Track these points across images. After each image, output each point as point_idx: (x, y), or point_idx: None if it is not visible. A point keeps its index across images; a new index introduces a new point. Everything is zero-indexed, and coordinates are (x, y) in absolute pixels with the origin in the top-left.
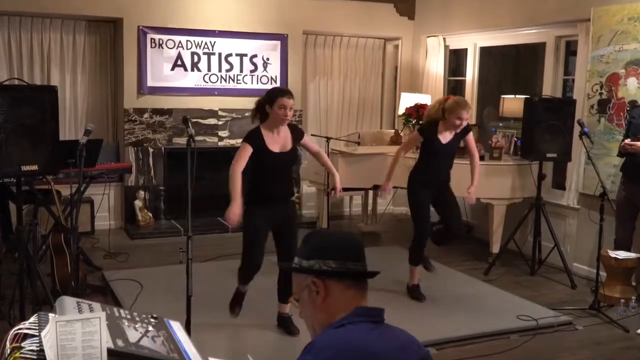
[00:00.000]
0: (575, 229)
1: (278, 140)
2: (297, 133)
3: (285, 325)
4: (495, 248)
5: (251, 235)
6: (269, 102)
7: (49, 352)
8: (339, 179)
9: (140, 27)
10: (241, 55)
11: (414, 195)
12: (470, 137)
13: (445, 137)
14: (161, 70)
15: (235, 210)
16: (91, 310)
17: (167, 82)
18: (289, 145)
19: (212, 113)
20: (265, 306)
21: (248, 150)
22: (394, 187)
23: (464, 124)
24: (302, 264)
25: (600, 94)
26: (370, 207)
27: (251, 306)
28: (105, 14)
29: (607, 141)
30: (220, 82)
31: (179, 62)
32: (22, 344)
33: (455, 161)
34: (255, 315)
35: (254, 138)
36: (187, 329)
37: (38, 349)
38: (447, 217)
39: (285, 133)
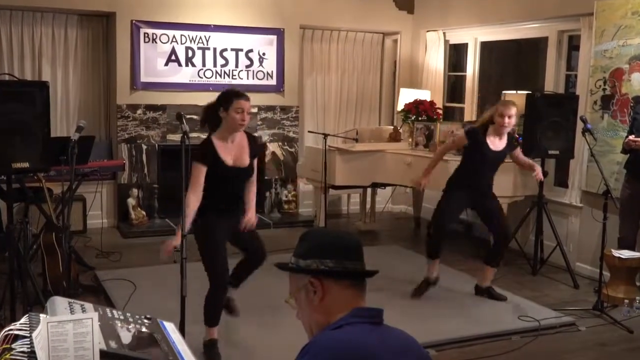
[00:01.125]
0: (578, 228)
1: (232, 150)
2: (255, 148)
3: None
4: None
5: (211, 248)
6: (224, 105)
7: (40, 354)
8: (250, 216)
9: (134, 22)
10: (237, 50)
11: (448, 193)
12: (519, 152)
13: (495, 144)
14: (155, 66)
15: (175, 241)
16: (83, 310)
17: (160, 78)
18: (245, 160)
19: None
20: (261, 307)
21: (201, 171)
22: (393, 186)
23: (512, 121)
24: (299, 263)
25: (604, 89)
26: (368, 206)
27: (246, 307)
28: (97, 8)
29: (610, 138)
30: (215, 78)
31: (173, 57)
32: (13, 345)
33: (452, 158)
34: (251, 316)
35: (206, 152)
36: (181, 330)
37: (29, 350)
38: (489, 226)
39: (241, 142)
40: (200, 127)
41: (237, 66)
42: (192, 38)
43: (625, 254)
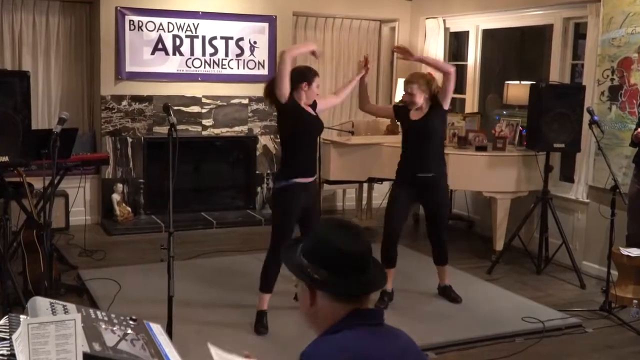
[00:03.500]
0: (585, 225)
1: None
2: (314, 104)
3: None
4: (499, 245)
5: (283, 221)
6: (307, 80)
7: (21, 357)
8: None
9: (118, 8)
10: (226, 39)
11: (390, 196)
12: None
13: (416, 115)
14: (141, 55)
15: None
16: (66, 311)
17: (147, 67)
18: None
19: (195, 100)
20: (251, 308)
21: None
22: (390, 180)
23: (416, 100)
24: (301, 261)
25: (612, 79)
26: (364, 202)
27: (238, 307)
28: None
29: (618, 130)
30: (204, 67)
31: (160, 46)
32: None
33: (452, 151)
34: (241, 317)
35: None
36: (169, 332)
37: (9, 353)
38: (427, 225)
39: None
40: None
41: (227, 55)
42: (180, 25)
43: (634, 252)
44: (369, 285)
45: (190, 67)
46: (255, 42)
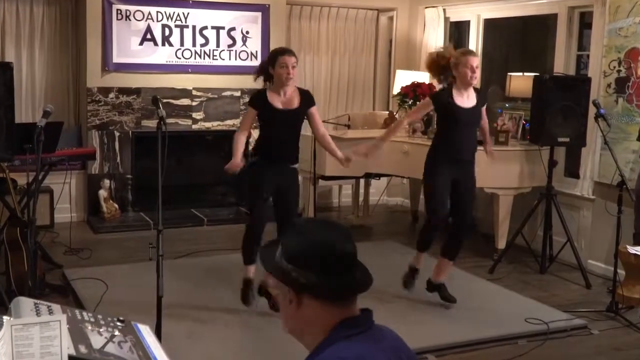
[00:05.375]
0: (590, 222)
1: (284, 101)
2: (307, 98)
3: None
4: (501, 243)
5: (253, 195)
6: (271, 63)
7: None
8: (341, 154)
9: None
10: (218, 28)
11: (431, 176)
12: (484, 110)
13: (463, 101)
14: (128, 45)
15: (235, 161)
16: (50, 312)
17: (135, 58)
18: (294, 104)
19: (186, 92)
20: (243, 308)
21: (251, 114)
22: (388, 176)
23: (477, 73)
24: (282, 264)
25: (619, 71)
26: (361, 198)
27: (229, 308)
28: None
29: (625, 124)
30: (195, 58)
31: (149, 36)
32: None
33: None
34: (233, 318)
35: (258, 98)
36: (158, 333)
37: None
38: (456, 213)
39: (293, 95)
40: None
41: (218, 46)
42: (169, 15)
43: None
44: (359, 284)
45: (180, 58)
46: (247, 32)
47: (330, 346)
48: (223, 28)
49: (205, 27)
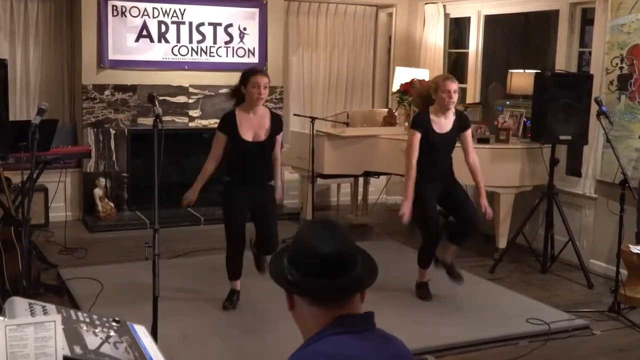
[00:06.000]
0: (592, 221)
1: (253, 125)
2: (276, 126)
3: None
4: (502, 243)
5: (228, 212)
6: (243, 82)
7: None
8: (280, 192)
9: None
10: (214, 25)
11: (419, 200)
12: (469, 133)
13: (441, 126)
14: (124, 42)
15: (191, 193)
16: (45, 312)
17: (130, 55)
18: (263, 135)
19: (182, 90)
20: (240, 309)
21: (221, 140)
22: (387, 174)
23: (454, 97)
24: (283, 262)
25: (621, 68)
26: (360, 197)
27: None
28: None
29: (628, 121)
30: (191, 55)
31: (145, 33)
32: None
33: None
34: (230, 318)
35: (226, 122)
36: (154, 334)
37: None
38: (459, 214)
39: (263, 117)
40: (228, 101)
41: (215, 42)
42: (166, 11)
43: None
44: (341, 289)
45: (176, 55)
46: (245, 29)
47: (317, 342)
48: (220, 24)
49: (202, 24)
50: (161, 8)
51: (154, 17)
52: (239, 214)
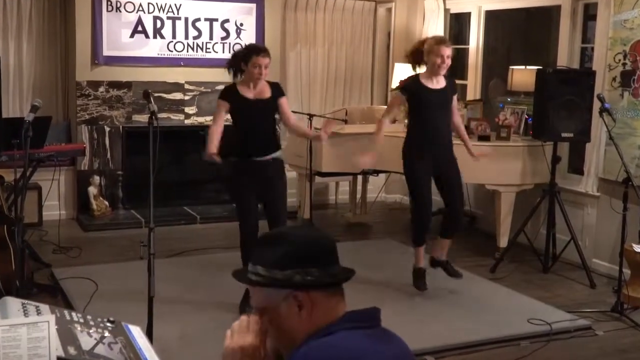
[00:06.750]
0: (595, 220)
1: (254, 93)
2: (277, 90)
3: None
4: (503, 242)
5: (240, 207)
6: (244, 59)
7: None
8: (312, 132)
9: None
10: (211, 20)
11: (410, 170)
12: (456, 103)
13: (432, 85)
14: (119, 38)
15: (210, 149)
16: (38, 313)
17: (125, 51)
18: (266, 94)
19: (178, 86)
20: (237, 309)
21: (222, 107)
22: (387, 172)
23: (447, 62)
24: (276, 275)
25: (624, 64)
26: (359, 195)
27: (223, 308)
28: None
29: (631, 118)
30: (187, 51)
31: (140, 28)
32: None
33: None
34: (227, 318)
35: (228, 90)
36: (149, 334)
37: None
38: (445, 200)
39: (264, 87)
40: (228, 72)
41: (211, 38)
42: (161, 6)
43: None
44: (347, 271)
45: (172, 51)
46: (241, 25)
47: (331, 334)
48: (216, 20)
49: (198, 19)
50: (156, 3)
51: (149, 13)
52: (251, 208)
